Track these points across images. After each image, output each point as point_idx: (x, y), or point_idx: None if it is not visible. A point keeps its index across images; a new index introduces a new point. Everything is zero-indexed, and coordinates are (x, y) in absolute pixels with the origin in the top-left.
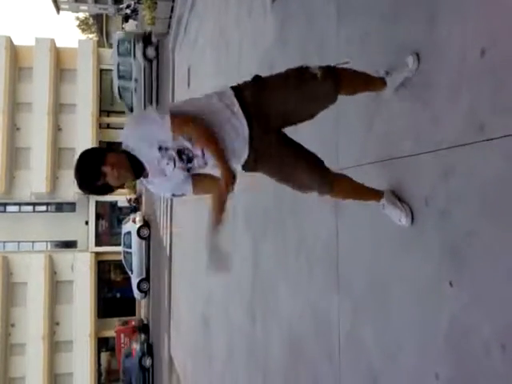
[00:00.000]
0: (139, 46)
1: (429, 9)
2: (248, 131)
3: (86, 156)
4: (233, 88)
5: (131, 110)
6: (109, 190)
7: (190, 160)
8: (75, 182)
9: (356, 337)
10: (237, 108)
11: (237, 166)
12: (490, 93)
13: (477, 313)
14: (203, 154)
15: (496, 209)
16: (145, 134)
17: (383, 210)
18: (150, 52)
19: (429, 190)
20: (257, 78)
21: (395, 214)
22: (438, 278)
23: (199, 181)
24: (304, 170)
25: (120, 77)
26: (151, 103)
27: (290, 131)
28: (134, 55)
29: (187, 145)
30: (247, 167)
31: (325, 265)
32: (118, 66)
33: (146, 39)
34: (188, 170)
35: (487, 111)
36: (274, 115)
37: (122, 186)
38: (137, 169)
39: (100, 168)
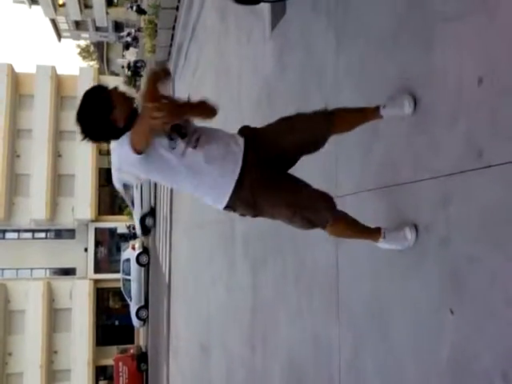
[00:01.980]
0: None
1: (426, 37)
2: (242, 156)
3: (94, 89)
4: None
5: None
6: (110, 122)
7: (181, 132)
8: (78, 122)
9: (357, 365)
10: (240, 140)
11: (220, 199)
12: (487, 120)
13: (478, 340)
14: (197, 139)
15: (496, 235)
16: None
17: (384, 239)
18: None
19: (428, 216)
20: (246, 126)
21: (398, 235)
22: (438, 305)
23: None
24: (308, 191)
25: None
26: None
27: None
28: None
29: (187, 127)
30: (245, 203)
31: (325, 292)
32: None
33: None
34: (170, 136)
35: (485, 138)
36: (269, 150)
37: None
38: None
39: (107, 87)
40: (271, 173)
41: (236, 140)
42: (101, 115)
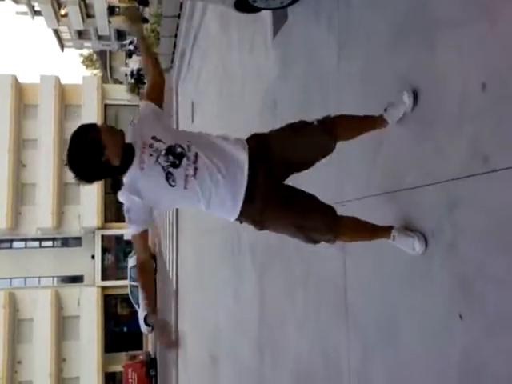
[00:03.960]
0: None
1: (429, 42)
2: (248, 166)
3: (81, 130)
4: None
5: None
6: (104, 163)
7: (177, 159)
8: (71, 168)
9: (366, 375)
10: (243, 145)
11: (232, 211)
12: (492, 125)
13: (489, 346)
14: (195, 159)
15: (504, 240)
16: (147, 119)
17: (394, 241)
18: None
19: (435, 222)
20: (254, 134)
21: (407, 242)
22: (447, 311)
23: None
24: (313, 212)
25: None
26: None
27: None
28: None
29: (183, 143)
30: (251, 216)
31: (333, 300)
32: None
33: None
34: (167, 174)
35: (490, 143)
36: (276, 162)
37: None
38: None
39: (94, 126)
40: (278, 190)
41: (239, 154)
42: (92, 158)
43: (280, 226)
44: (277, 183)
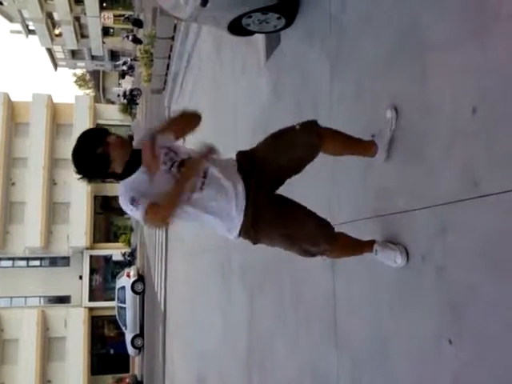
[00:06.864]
0: None
1: (420, 66)
2: (243, 185)
3: (90, 139)
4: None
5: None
6: (108, 173)
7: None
8: (73, 161)
9: None
10: (235, 165)
11: (232, 230)
12: (482, 149)
13: (478, 370)
14: (205, 174)
15: (494, 264)
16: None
17: (376, 255)
18: None
19: (425, 245)
20: (239, 152)
21: (389, 255)
22: (437, 335)
23: None
24: (305, 221)
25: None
26: None
27: (284, 189)
28: None
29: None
30: (245, 230)
31: (323, 321)
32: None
33: None
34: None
35: (481, 167)
36: (264, 172)
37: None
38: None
39: (104, 137)
40: (269, 201)
41: (235, 171)
42: (98, 170)
43: (273, 237)
44: (267, 194)
